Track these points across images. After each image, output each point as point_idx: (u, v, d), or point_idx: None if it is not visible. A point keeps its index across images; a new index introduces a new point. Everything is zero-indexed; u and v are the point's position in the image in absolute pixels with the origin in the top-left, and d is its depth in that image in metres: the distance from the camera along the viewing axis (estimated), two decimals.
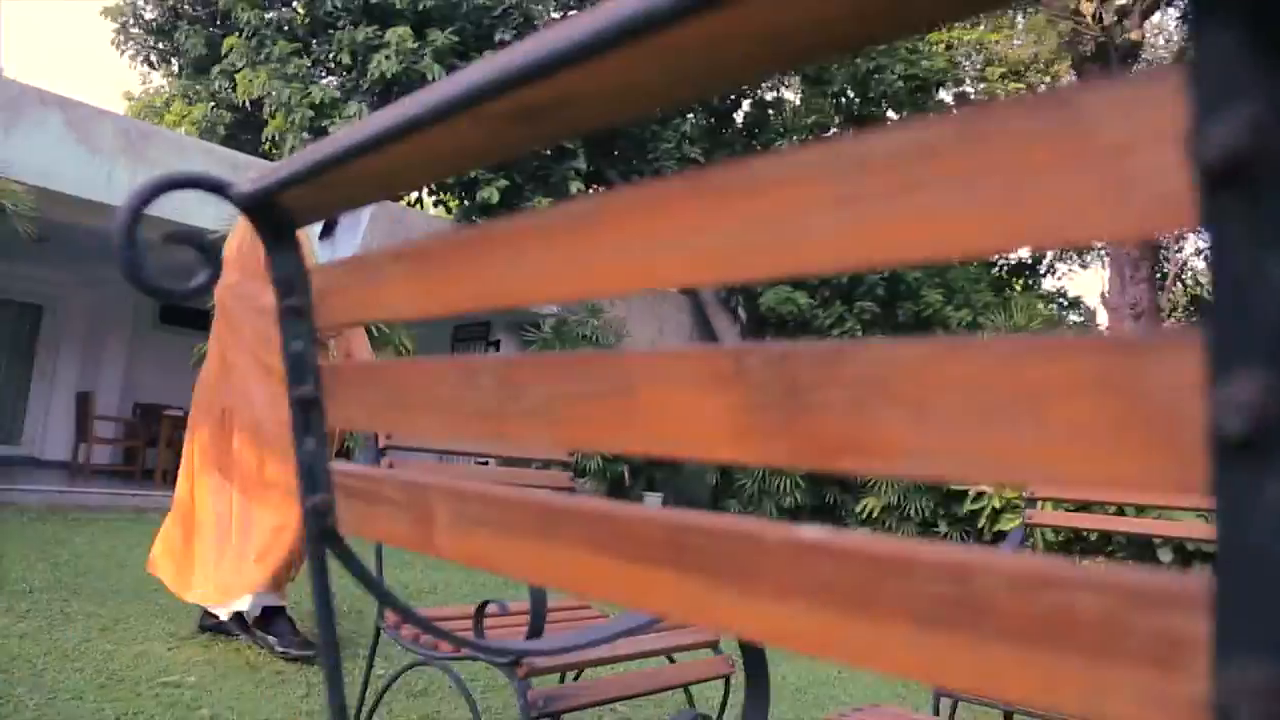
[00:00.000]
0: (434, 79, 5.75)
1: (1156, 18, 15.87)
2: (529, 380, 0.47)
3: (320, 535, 0.71)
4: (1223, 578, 0.25)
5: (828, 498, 10.81)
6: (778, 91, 13.96)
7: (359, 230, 3.55)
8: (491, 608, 1.76)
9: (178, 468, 3.62)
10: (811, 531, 0.36)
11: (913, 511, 10.11)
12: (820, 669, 4.24)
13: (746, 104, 13.70)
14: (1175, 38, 16.91)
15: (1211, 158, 0.23)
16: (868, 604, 0.33)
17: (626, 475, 10.56)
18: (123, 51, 15.27)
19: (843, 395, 0.33)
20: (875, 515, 10.28)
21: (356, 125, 0.58)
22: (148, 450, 10.61)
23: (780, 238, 0.34)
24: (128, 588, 4.26)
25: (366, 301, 0.63)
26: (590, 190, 13.04)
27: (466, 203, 11.04)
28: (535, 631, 1.64)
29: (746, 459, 0.36)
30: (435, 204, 11.87)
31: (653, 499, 11.05)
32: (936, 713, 2.22)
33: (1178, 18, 15.08)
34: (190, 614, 3.70)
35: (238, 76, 11.32)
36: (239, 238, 3.45)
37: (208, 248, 0.70)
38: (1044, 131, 0.27)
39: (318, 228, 3.54)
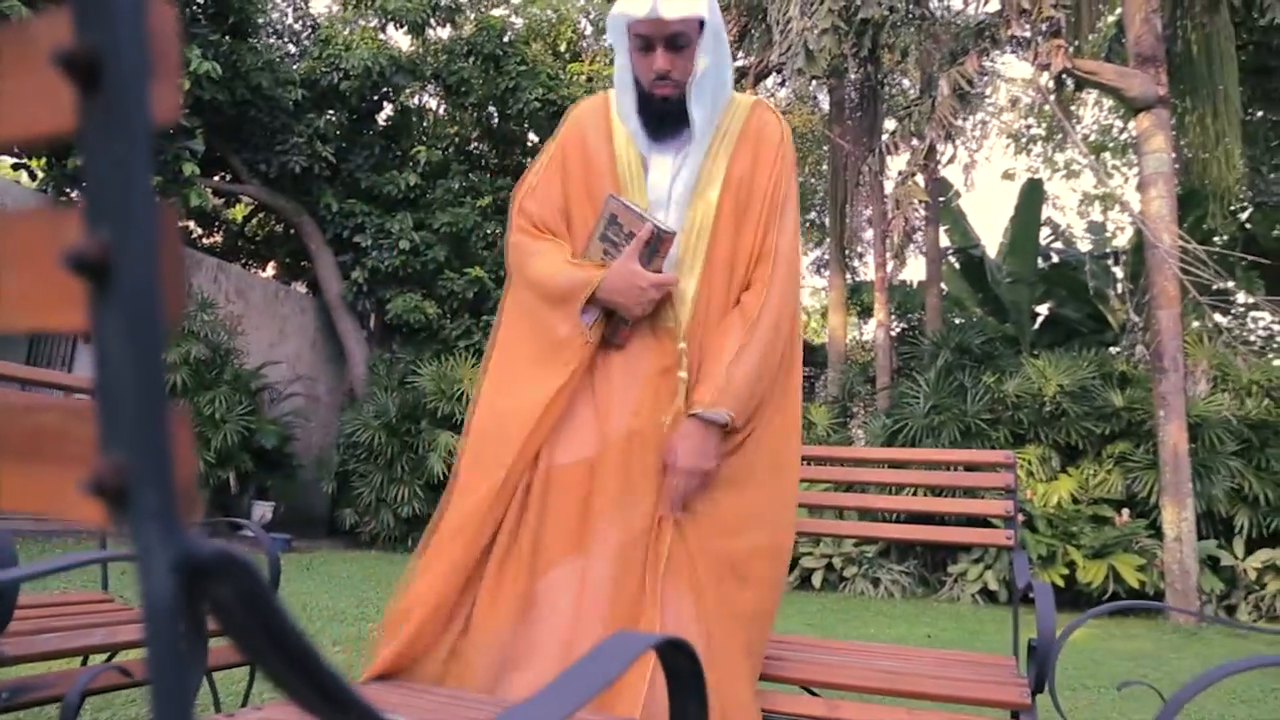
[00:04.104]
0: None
1: (769, 82, 17.81)
2: None
3: None
4: (97, 390, 0.33)
5: None
6: (420, 98, 13.90)
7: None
8: None
9: None
10: None
11: None
12: None
13: (389, 108, 13.49)
14: (782, 100, 19.08)
15: (65, 64, 0.32)
16: None
17: (232, 482, 9.91)
18: None
19: None
20: None
21: None
22: None
23: None
24: None
25: None
26: (212, 176, 12.14)
27: (55, 170, 9.83)
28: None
29: None
30: (15, 168, 10.41)
31: (262, 508, 10.47)
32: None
33: (779, 82, 16.94)
34: None
35: None
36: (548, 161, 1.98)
37: None
38: (22, 48, 0.35)
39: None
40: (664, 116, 1.86)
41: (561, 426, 1.76)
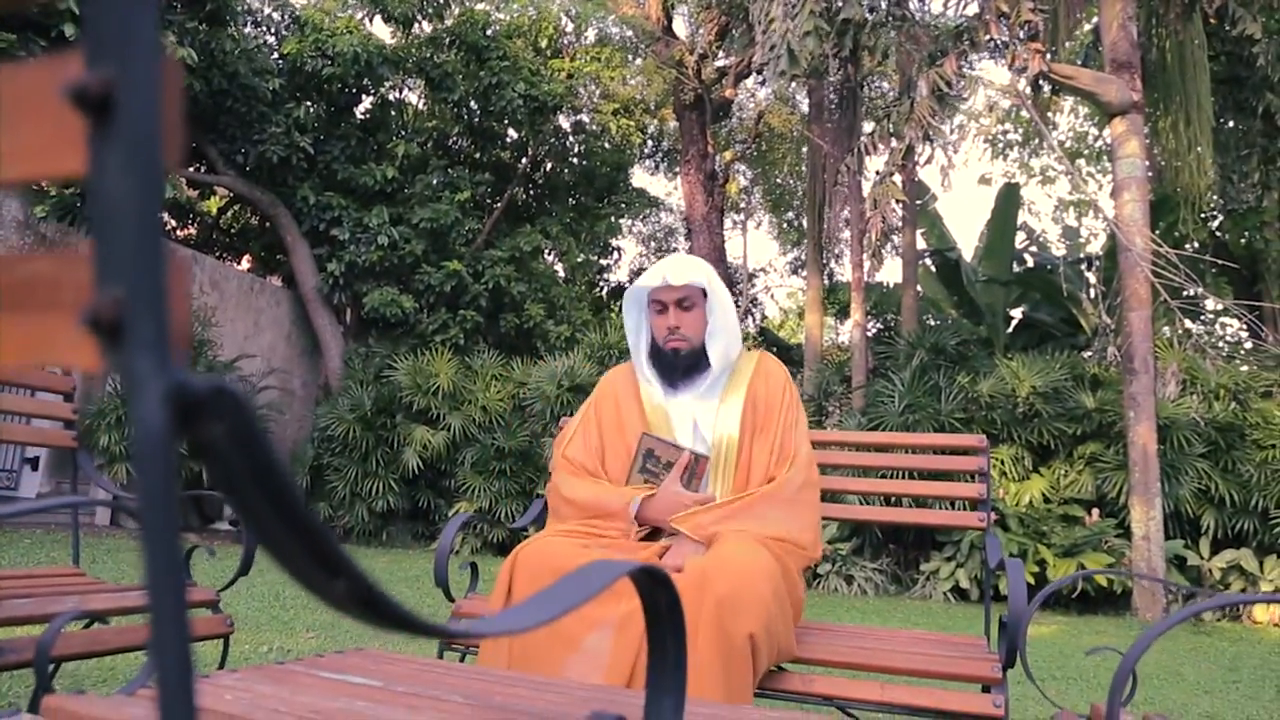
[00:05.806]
0: None
1: (749, 81, 17.87)
2: None
3: None
4: (94, 226, 0.34)
5: (421, 501, 10.80)
6: (400, 92, 13.84)
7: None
8: None
9: None
10: None
11: (504, 515, 10.41)
12: None
13: (367, 100, 13.41)
14: (762, 100, 19.15)
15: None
16: None
17: (205, 475, 9.83)
18: None
19: None
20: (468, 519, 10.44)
21: None
22: None
23: None
24: None
25: None
26: (187, 167, 12.03)
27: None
28: None
29: None
30: None
31: None
32: (441, 656, 2.33)
33: (759, 81, 17.00)
34: None
35: None
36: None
37: None
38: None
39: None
40: (676, 368, 2.34)
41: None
